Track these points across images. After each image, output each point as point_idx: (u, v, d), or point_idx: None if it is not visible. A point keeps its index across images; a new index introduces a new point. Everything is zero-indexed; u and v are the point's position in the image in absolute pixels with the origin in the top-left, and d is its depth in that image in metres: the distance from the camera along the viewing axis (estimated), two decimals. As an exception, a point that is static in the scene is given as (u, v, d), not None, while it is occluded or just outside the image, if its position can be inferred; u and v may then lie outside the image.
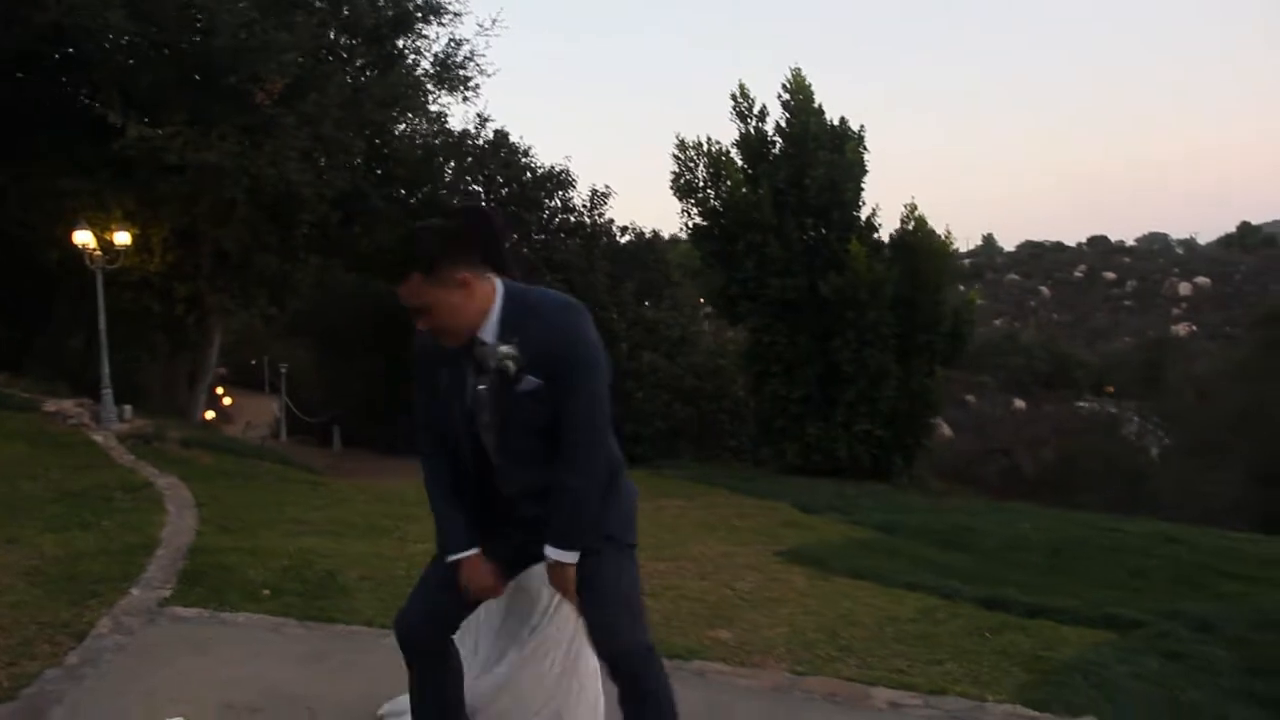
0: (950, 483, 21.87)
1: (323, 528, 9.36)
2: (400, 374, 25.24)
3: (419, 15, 18.75)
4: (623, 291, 22.89)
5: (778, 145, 19.01)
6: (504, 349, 2.41)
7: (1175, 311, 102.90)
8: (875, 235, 18.71)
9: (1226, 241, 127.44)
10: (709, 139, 18.74)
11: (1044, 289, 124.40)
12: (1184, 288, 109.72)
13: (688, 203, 18.79)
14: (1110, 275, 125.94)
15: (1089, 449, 27.13)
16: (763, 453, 19.46)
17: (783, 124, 18.43)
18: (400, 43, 18.89)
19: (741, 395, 21.96)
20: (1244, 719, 4.52)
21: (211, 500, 9.78)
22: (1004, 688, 4.59)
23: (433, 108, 20.10)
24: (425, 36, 19.22)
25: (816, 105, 18.42)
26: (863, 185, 18.46)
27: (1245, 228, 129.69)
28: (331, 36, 17.23)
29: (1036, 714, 4.09)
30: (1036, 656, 5.28)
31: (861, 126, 19.09)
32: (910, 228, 18.36)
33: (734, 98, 18.70)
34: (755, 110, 18.60)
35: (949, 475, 23.94)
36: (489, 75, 19.73)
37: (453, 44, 19.23)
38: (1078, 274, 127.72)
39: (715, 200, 18.54)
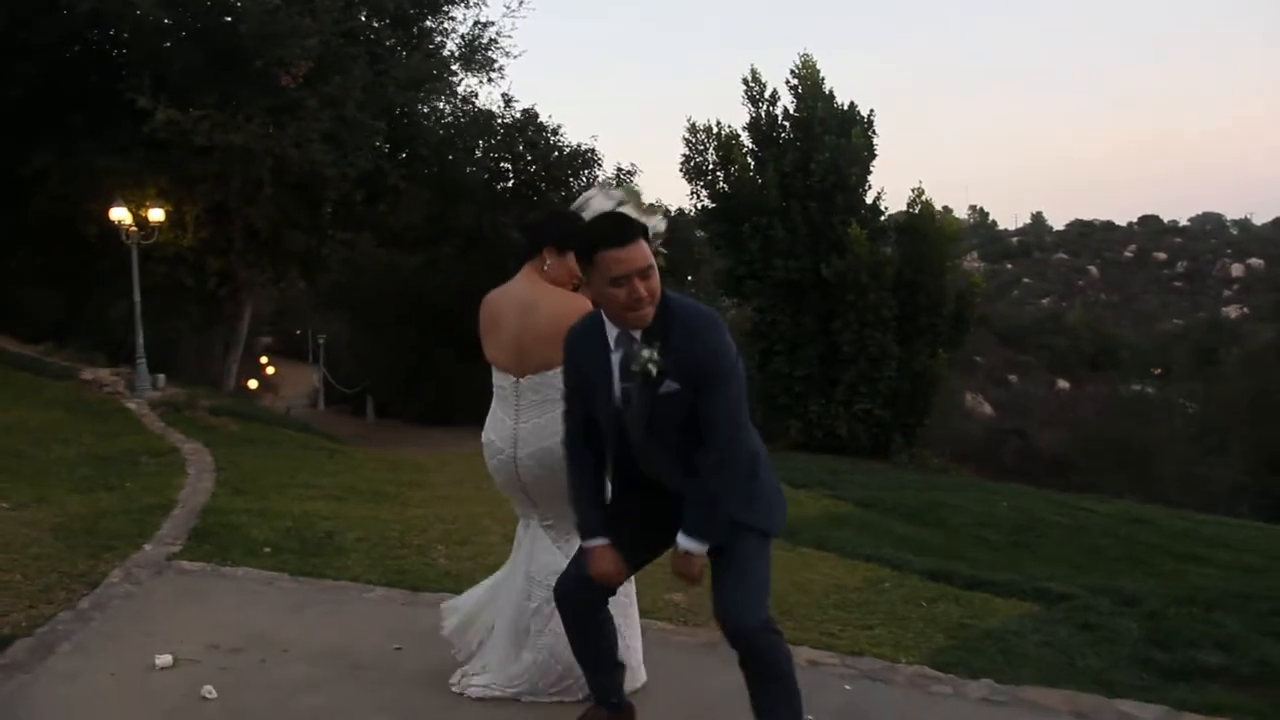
0: (962, 462, 22.07)
1: (330, 492, 9.96)
2: (428, 347, 25.98)
3: None
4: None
5: (786, 129, 19.32)
6: (645, 353, 2.52)
7: (1227, 293, 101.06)
8: (882, 218, 19.07)
9: None
10: (718, 123, 19.10)
11: (1092, 268, 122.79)
12: (1236, 269, 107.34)
13: (697, 185, 19.19)
14: (1161, 255, 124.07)
15: (1100, 432, 27.14)
16: (768, 429, 19.60)
17: (790, 109, 18.77)
18: (427, 24, 19.41)
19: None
20: (1128, 683, 4.59)
21: (230, 465, 10.37)
22: (920, 651, 4.80)
23: (460, 89, 20.68)
24: (452, 18, 19.74)
25: (827, 90, 18.74)
26: (870, 169, 18.82)
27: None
28: (361, 19, 17.73)
29: (940, 674, 4.20)
30: (961, 624, 5.58)
31: (871, 111, 19.49)
32: (916, 211, 18.68)
33: (745, 82, 19.05)
34: (766, 94, 18.97)
35: (964, 454, 24.11)
36: (515, 57, 20.24)
37: (479, 26, 19.75)
38: (1128, 254, 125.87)
39: (724, 183, 18.93)
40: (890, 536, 9.50)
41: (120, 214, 15.05)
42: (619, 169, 24.18)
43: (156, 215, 15.72)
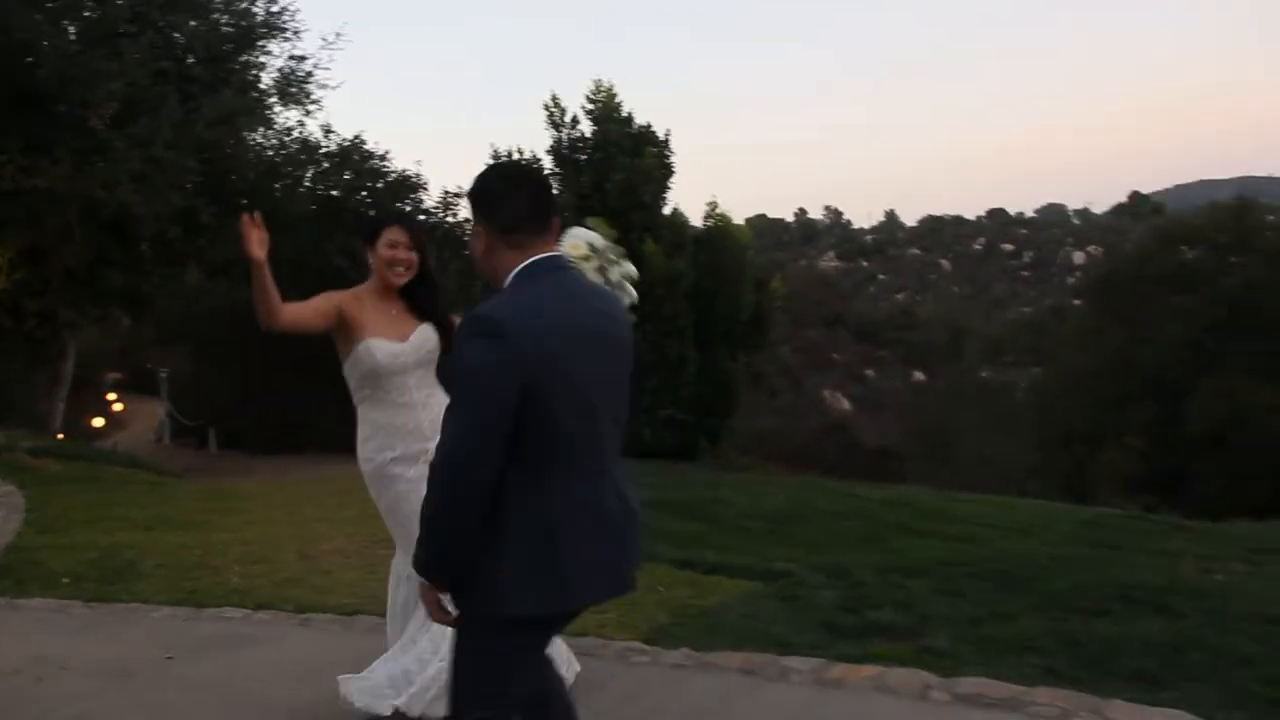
0: (788, 460, 23.19)
1: (141, 523, 10.42)
2: (267, 375, 26.07)
3: (258, 34, 19.53)
4: (474, 290, 23.86)
5: (585, 152, 20.15)
6: None
7: (1070, 281, 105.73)
8: (685, 231, 20.03)
9: (1119, 211, 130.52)
10: (519, 149, 19.92)
11: (944, 262, 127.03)
12: (1078, 257, 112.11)
13: (500, 210, 19.89)
14: (1008, 247, 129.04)
15: (918, 422, 28.60)
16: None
17: (586, 133, 19.72)
18: (242, 59, 19.67)
19: None
20: (805, 642, 4.98)
21: (42, 504, 10.77)
22: (639, 629, 5.32)
23: (279, 122, 20.97)
24: (268, 52, 20.03)
25: (625, 114, 19.74)
26: (667, 186, 19.83)
27: (1136, 197, 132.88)
28: (170, 60, 17.86)
29: (646, 646, 4.89)
30: (684, 605, 6.08)
31: (667, 132, 20.45)
32: (711, 225, 19.81)
33: (547, 107, 19.92)
34: (567, 119, 19.87)
35: (789, 452, 25.23)
36: (333, 88, 20.67)
37: (293, 60, 20.10)
38: (977, 246, 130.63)
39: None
40: (659, 531, 9.70)
41: (-70, 260, 15.11)
42: (444, 192, 24.85)
43: (-31, 261, 15.79)
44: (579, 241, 3.72)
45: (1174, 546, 10.04)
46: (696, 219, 20.92)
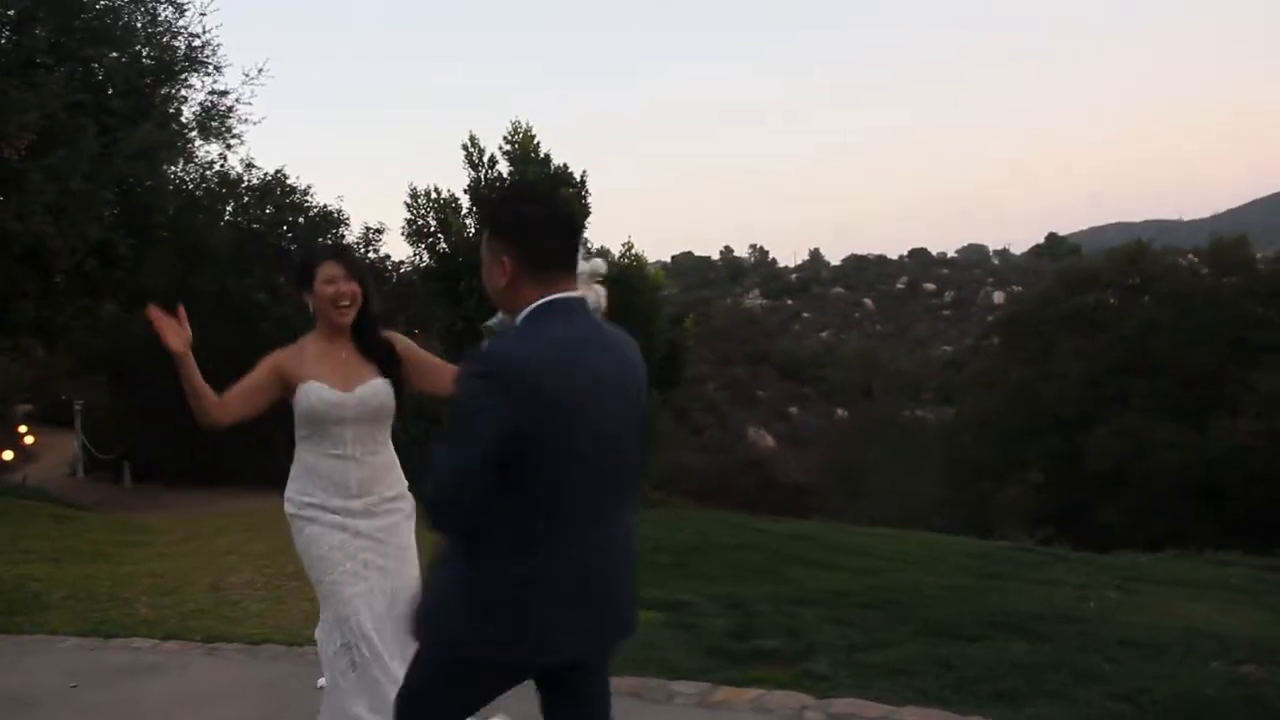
0: (701, 497, 23.52)
1: (48, 555, 10.40)
2: (183, 408, 25.76)
3: (179, 68, 19.48)
4: (395, 325, 23.89)
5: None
6: None
7: (990, 319, 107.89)
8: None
9: (1037, 252, 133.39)
10: (437, 188, 20.12)
11: (868, 301, 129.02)
12: (998, 296, 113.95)
13: (419, 247, 20.17)
14: (930, 286, 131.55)
15: (834, 459, 29.25)
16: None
17: (504, 174, 20.03)
18: (163, 92, 19.59)
19: None
20: (694, 668, 5.18)
21: (-58, 537, 10.65)
22: None
23: (199, 156, 20.89)
24: (191, 86, 19.97)
25: (543, 155, 20.13)
26: (584, 224, 20.17)
27: (1053, 238, 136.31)
28: (87, 93, 17.75)
29: None
30: None
31: (584, 172, 20.86)
32: (626, 264, 20.21)
33: (465, 147, 20.14)
34: (485, 159, 20.17)
35: (704, 490, 25.58)
36: (255, 123, 20.65)
37: (214, 94, 20.06)
38: (900, 286, 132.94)
39: (443, 245, 19.97)
40: None
41: None
42: (366, 228, 24.96)
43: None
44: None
45: (1054, 576, 10.57)
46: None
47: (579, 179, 20.36)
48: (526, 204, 2.51)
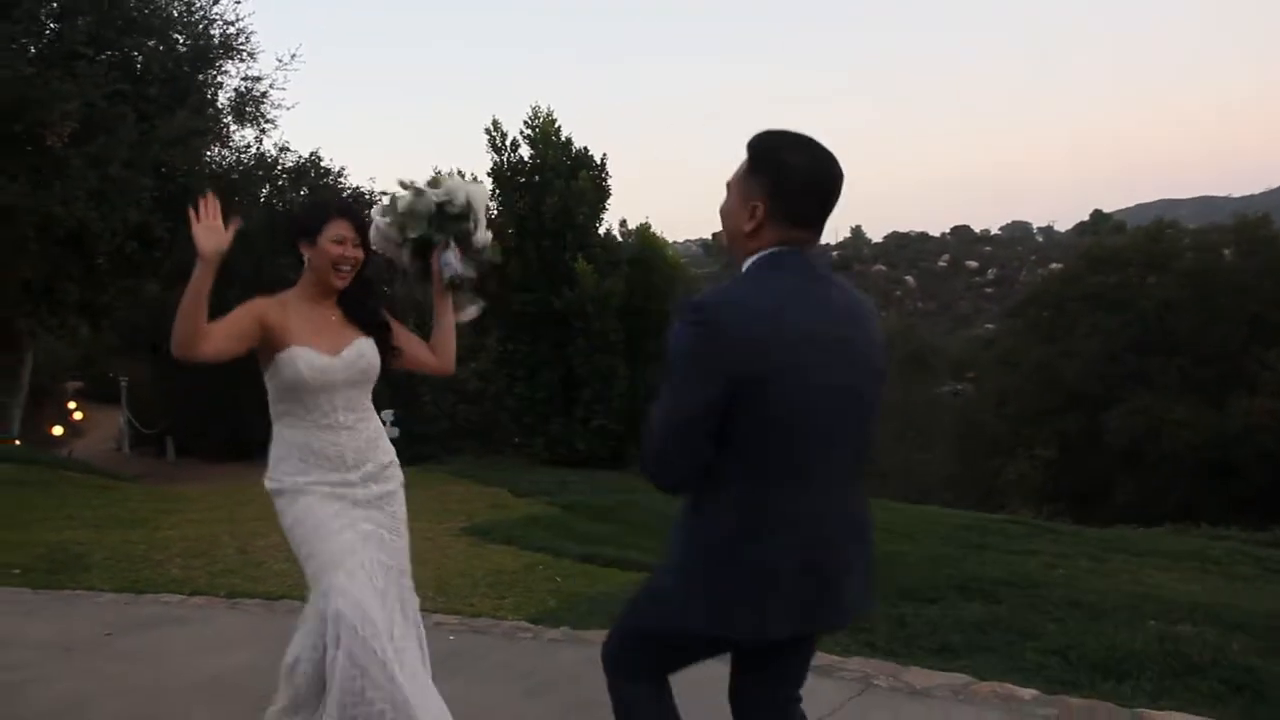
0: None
1: (91, 522, 10.95)
2: (220, 384, 26.54)
3: (214, 55, 20.09)
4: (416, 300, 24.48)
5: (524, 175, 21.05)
6: None
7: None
8: (619, 251, 21.03)
9: (1081, 229, 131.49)
10: (458, 170, 20.55)
11: (909, 278, 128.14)
12: (1041, 274, 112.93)
13: (444, 226, 20.66)
14: (973, 264, 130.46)
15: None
16: (522, 446, 21.54)
17: (525, 157, 20.59)
18: (199, 79, 20.18)
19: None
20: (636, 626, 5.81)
21: (-4, 505, 11.29)
22: (528, 612, 5.90)
23: (235, 141, 21.54)
24: (226, 73, 20.58)
25: (565, 138, 20.71)
26: (605, 207, 20.81)
27: (1098, 215, 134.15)
28: (129, 80, 18.34)
29: (532, 626, 5.46)
30: (575, 593, 6.68)
31: (604, 155, 21.39)
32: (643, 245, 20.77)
33: (488, 130, 20.77)
34: (507, 142, 20.72)
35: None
36: (288, 108, 21.27)
37: (249, 80, 20.69)
38: (941, 263, 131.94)
39: (470, 224, 20.47)
40: (573, 532, 10.63)
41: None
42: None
43: (-74, 271, 16.25)
44: (458, 190, 3.39)
45: (1036, 547, 10.91)
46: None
47: (599, 161, 20.85)
48: (794, 152, 2.27)
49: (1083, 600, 6.84)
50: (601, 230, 21.39)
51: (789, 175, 2.22)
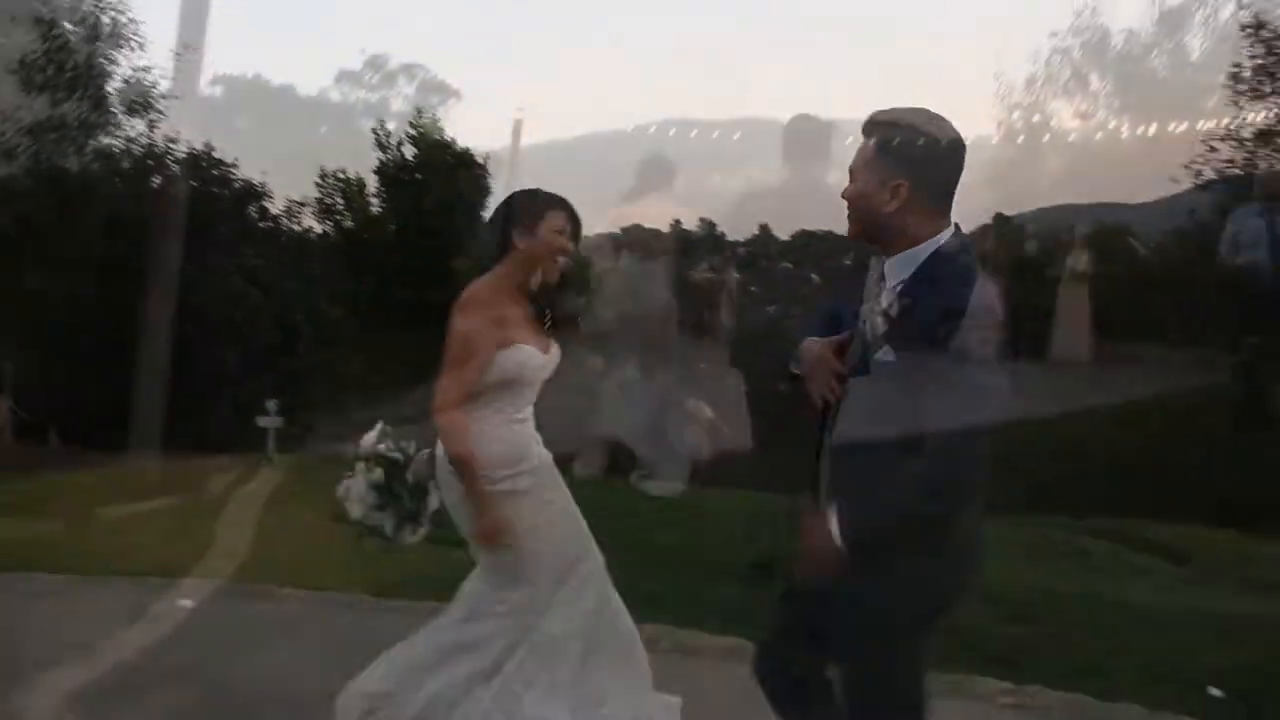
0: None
1: None
2: (104, 368, 26.22)
3: (104, 43, 19.95)
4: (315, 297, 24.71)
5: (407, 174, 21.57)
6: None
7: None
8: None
9: (984, 233, 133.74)
10: (344, 171, 21.26)
11: (814, 277, 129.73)
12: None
13: (326, 224, 21.31)
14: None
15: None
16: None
17: (409, 156, 21.25)
18: (89, 67, 20.01)
19: None
20: None
21: None
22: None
23: (124, 131, 21.39)
24: (116, 64, 20.45)
25: (449, 139, 21.51)
26: (485, 206, 21.31)
27: (999, 219, 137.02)
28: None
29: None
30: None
31: (486, 156, 21.71)
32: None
33: (374, 130, 21.41)
34: (395, 142, 21.39)
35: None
36: (178, 98, 21.19)
37: (139, 70, 20.59)
38: (847, 262, 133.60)
39: (349, 222, 21.11)
40: None
41: None
42: (289, 201, 25.63)
43: None
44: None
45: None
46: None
47: (481, 162, 21.45)
48: (934, 127, 2.23)
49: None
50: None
51: (932, 150, 2.23)
